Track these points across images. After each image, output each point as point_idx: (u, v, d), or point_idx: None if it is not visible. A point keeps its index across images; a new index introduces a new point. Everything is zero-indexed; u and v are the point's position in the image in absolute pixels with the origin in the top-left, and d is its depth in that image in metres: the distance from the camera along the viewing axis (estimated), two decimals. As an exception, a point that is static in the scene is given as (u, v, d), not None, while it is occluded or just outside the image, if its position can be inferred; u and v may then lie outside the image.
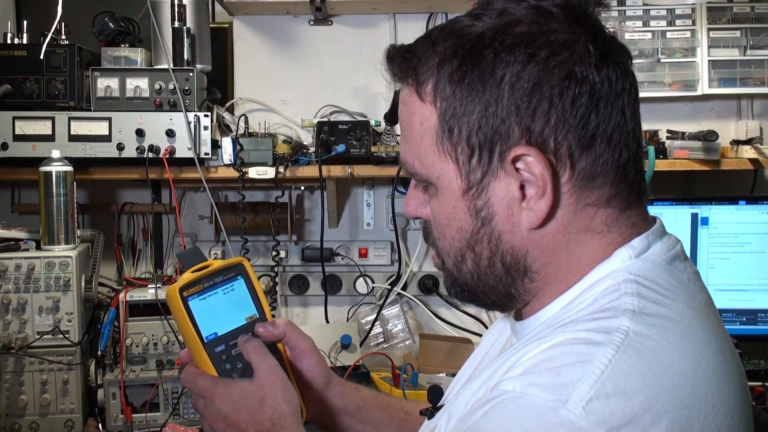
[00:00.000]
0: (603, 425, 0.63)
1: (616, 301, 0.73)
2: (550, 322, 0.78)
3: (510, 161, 0.74)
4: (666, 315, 0.72)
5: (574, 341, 0.70)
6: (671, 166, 2.04)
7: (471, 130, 0.75)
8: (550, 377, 0.66)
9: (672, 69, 2.08)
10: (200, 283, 0.92)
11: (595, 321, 0.72)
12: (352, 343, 2.08)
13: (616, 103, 0.75)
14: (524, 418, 0.65)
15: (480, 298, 0.84)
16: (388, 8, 2.19)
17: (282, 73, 2.24)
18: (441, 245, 0.83)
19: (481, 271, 0.80)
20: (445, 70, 0.76)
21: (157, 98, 1.92)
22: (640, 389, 0.65)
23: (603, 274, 0.76)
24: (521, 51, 0.73)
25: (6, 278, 1.78)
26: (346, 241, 2.32)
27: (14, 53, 1.91)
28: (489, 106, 0.74)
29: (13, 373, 1.79)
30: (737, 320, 2.02)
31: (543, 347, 0.71)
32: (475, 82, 0.74)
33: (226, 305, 0.93)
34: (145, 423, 1.83)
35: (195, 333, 0.90)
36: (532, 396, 0.66)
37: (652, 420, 0.64)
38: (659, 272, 0.76)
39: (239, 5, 2.14)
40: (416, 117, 0.79)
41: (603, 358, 0.66)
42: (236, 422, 0.89)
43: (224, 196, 2.31)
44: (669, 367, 0.68)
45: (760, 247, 2.03)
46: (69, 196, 1.83)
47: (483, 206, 0.77)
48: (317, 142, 2.01)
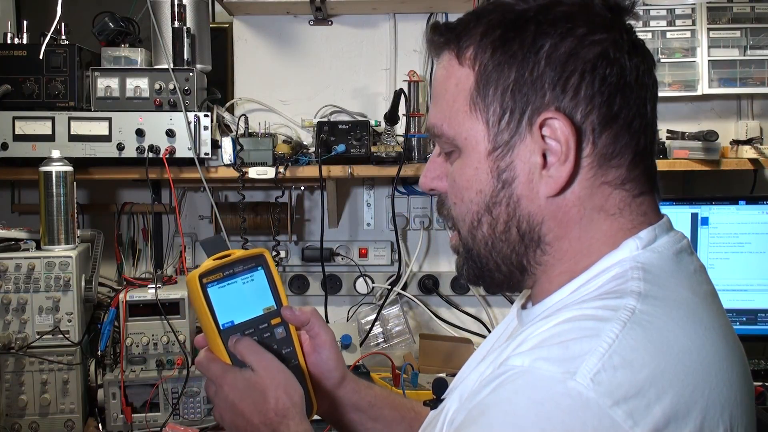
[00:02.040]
0: (610, 396, 0.64)
1: (622, 285, 0.75)
2: (557, 307, 0.79)
3: (538, 125, 0.77)
4: (671, 298, 0.74)
5: (581, 317, 0.71)
6: (671, 166, 2.04)
7: (505, 92, 0.78)
8: (558, 351, 0.68)
9: (672, 69, 2.08)
10: (220, 271, 0.92)
11: (602, 300, 0.74)
12: (352, 343, 2.09)
13: (640, 93, 0.79)
14: (533, 390, 0.66)
15: (492, 272, 0.84)
16: (388, 8, 2.19)
17: (282, 73, 2.24)
18: (457, 211, 0.84)
19: (496, 237, 0.82)
20: (488, 38, 0.80)
21: (157, 98, 1.92)
22: (646, 364, 0.67)
23: (610, 263, 0.78)
24: (561, 25, 0.77)
25: (6, 278, 1.78)
26: (346, 241, 2.32)
27: (14, 53, 1.91)
28: (525, 71, 0.77)
29: (13, 373, 1.79)
30: (737, 320, 2.02)
31: (551, 324, 0.72)
32: (515, 49, 0.78)
33: (245, 295, 0.94)
34: (145, 423, 1.83)
35: (212, 320, 0.91)
36: (540, 369, 0.67)
37: (657, 394, 0.65)
38: (666, 262, 0.79)
39: (239, 5, 2.15)
40: (452, 80, 0.82)
41: (610, 332, 0.68)
42: (242, 410, 0.92)
43: (224, 196, 2.31)
44: (674, 344, 0.70)
45: (760, 247, 2.03)
46: (69, 196, 1.83)
47: (506, 168, 0.79)
48: (317, 142, 2.01)
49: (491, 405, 0.69)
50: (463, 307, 2.31)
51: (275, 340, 0.95)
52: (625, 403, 0.64)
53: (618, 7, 0.81)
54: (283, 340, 0.95)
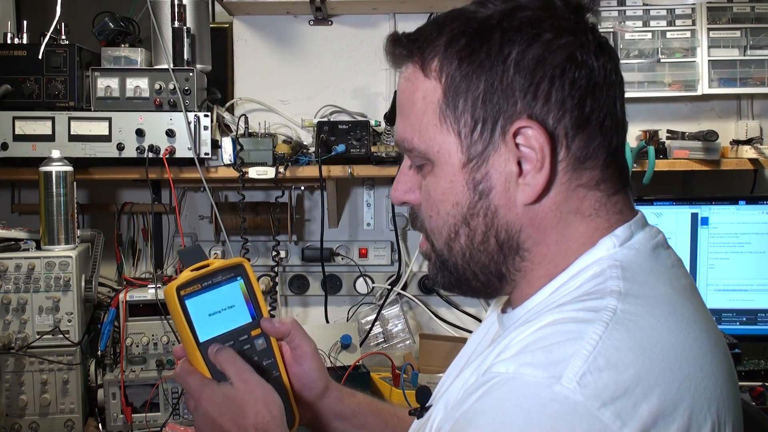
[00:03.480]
0: (597, 398, 0.64)
1: (601, 284, 0.75)
2: (537, 309, 0.79)
3: (512, 134, 0.77)
4: (651, 295, 0.75)
5: (562, 321, 0.71)
6: (671, 166, 2.04)
7: (475, 103, 0.77)
8: (542, 356, 0.68)
9: (672, 69, 2.08)
10: (198, 282, 0.91)
11: (582, 302, 0.73)
12: (352, 343, 2.09)
13: (609, 92, 0.79)
14: (519, 397, 0.66)
15: (468, 281, 0.84)
16: (388, 8, 2.19)
17: (282, 73, 2.24)
18: (433, 224, 0.83)
19: (474, 248, 0.81)
20: (453, 48, 0.78)
21: (157, 98, 1.92)
22: (630, 363, 0.67)
23: (588, 262, 0.79)
24: (527, 32, 0.76)
25: (6, 278, 1.78)
26: (346, 241, 2.32)
27: (14, 53, 1.91)
28: (494, 81, 0.77)
29: (13, 373, 1.79)
30: (737, 320, 2.02)
31: (533, 329, 0.72)
32: (482, 59, 0.77)
33: (224, 306, 0.92)
34: (145, 423, 1.83)
35: (190, 333, 0.89)
36: (525, 375, 0.67)
37: (644, 392, 0.66)
38: (643, 259, 0.79)
39: (239, 5, 2.14)
40: (419, 93, 0.81)
41: (593, 334, 0.68)
42: (221, 425, 0.90)
43: (224, 196, 2.31)
44: (657, 342, 0.70)
45: (760, 247, 2.03)
46: (69, 196, 1.83)
47: (482, 179, 0.79)
48: (317, 142, 2.01)
49: (478, 413, 0.69)
50: (463, 307, 2.31)
51: (256, 351, 0.93)
52: (613, 404, 0.64)
53: (579, 7, 0.80)
54: (263, 352, 0.93)
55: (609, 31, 2.09)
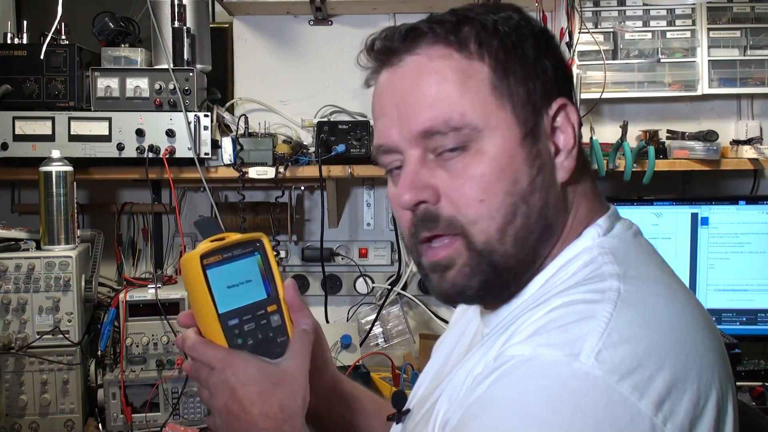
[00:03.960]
0: (615, 372, 0.66)
1: (598, 270, 0.77)
2: (536, 296, 0.80)
3: (554, 111, 0.81)
4: (646, 277, 0.78)
5: (572, 302, 0.73)
6: (671, 166, 2.04)
7: (525, 80, 0.80)
8: (557, 335, 0.69)
9: (672, 69, 2.08)
10: (219, 253, 0.89)
11: (586, 285, 0.75)
12: (352, 343, 2.09)
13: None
14: (539, 376, 0.67)
15: (507, 273, 0.80)
16: (388, 8, 2.19)
17: (282, 73, 2.24)
18: (483, 210, 0.78)
19: (529, 230, 0.79)
20: (488, 31, 0.81)
21: (157, 98, 1.92)
22: (642, 338, 0.69)
23: (576, 251, 0.81)
24: (546, 35, 0.84)
25: (6, 278, 1.78)
26: (346, 241, 2.32)
27: (14, 53, 1.91)
28: (534, 63, 0.81)
29: (13, 373, 1.79)
30: (737, 320, 2.02)
31: (541, 312, 0.73)
32: (516, 41, 0.81)
33: (242, 280, 0.90)
34: (145, 423, 1.83)
35: (211, 303, 0.87)
36: (543, 355, 0.68)
37: (657, 365, 0.68)
38: (629, 246, 0.83)
39: (239, 5, 2.14)
40: (460, 72, 0.79)
41: (605, 312, 0.70)
42: (241, 397, 0.83)
43: (224, 196, 2.31)
44: (661, 318, 0.72)
45: (760, 247, 2.03)
46: (69, 196, 1.83)
47: (537, 154, 0.80)
48: (317, 142, 2.01)
49: (496, 397, 0.69)
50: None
51: (271, 327, 0.91)
52: (630, 377, 0.66)
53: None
54: (278, 329, 0.91)
55: (609, 31, 2.09)
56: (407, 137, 0.81)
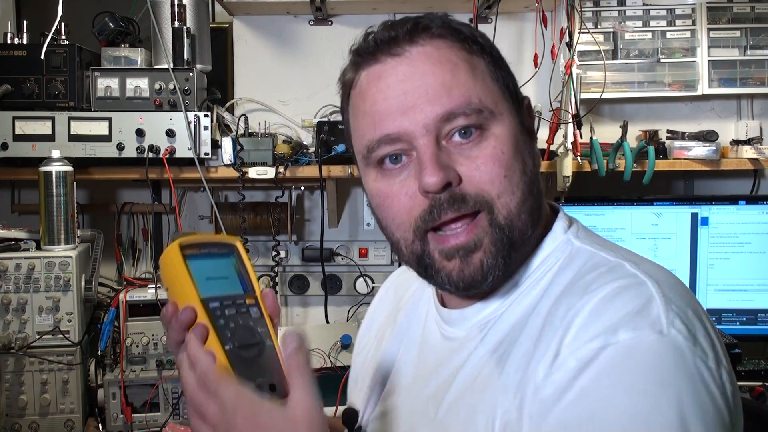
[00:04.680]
0: (688, 338, 0.73)
1: (592, 260, 0.83)
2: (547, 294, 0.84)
3: (527, 105, 0.90)
4: (635, 257, 0.84)
5: (619, 290, 0.76)
6: (671, 166, 2.04)
7: (507, 75, 0.88)
8: (639, 319, 0.73)
9: (672, 69, 2.08)
10: (197, 246, 0.91)
11: (609, 274, 0.79)
12: (352, 343, 2.08)
13: None
14: (641, 359, 0.71)
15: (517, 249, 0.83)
16: (388, 8, 2.19)
17: (282, 73, 2.24)
18: (506, 184, 0.81)
19: (535, 208, 0.85)
20: (477, 32, 0.88)
21: (157, 98, 1.92)
22: (684, 304, 0.77)
23: (552, 246, 0.87)
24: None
25: (6, 278, 1.78)
26: (346, 241, 2.32)
27: (14, 53, 1.91)
28: (502, 59, 0.89)
29: (13, 373, 1.79)
30: (737, 320, 2.02)
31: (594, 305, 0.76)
32: (492, 45, 0.89)
33: (219, 274, 0.92)
34: (145, 423, 1.84)
35: (194, 287, 0.88)
36: (637, 339, 0.72)
37: (700, 323, 0.76)
38: (594, 236, 0.90)
39: (239, 5, 2.14)
40: (467, 63, 0.84)
41: (654, 291, 0.76)
42: None
43: (224, 196, 2.31)
44: (679, 285, 0.80)
45: (760, 247, 2.03)
46: (69, 196, 1.83)
47: (529, 142, 0.88)
48: (317, 142, 2.01)
49: (608, 391, 0.71)
50: (463, 307, 2.31)
51: (251, 318, 0.91)
52: (697, 340, 0.74)
53: None
54: (257, 320, 0.91)
55: (609, 31, 2.09)
56: (423, 122, 0.81)
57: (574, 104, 1.98)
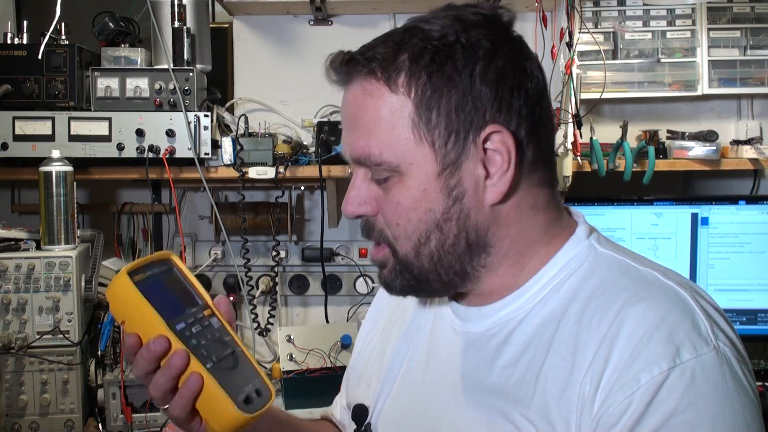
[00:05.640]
0: (731, 344, 0.79)
1: (618, 265, 0.86)
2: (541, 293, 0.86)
3: (482, 140, 0.83)
4: (656, 267, 0.87)
5: (668, 305, 0.79)
6: (671, 166, 2.04)
7: (449, 115, 0.82)
8: (693, 336, 0.77)
9: (672, 69, 2.08)
10: (142, 271, 0.89)
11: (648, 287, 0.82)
12: (352, 343, 2.08)
13: (547, 99, 0.88)
14: (707, 377, 0.75)
15: (430, 283, 0.88)
16: (388, 8, 2.19)
17: (282, 73, 2.24)
18: (399, 231, 0.86)
19: (444, 251, 0.86)
20: (419, 63, 0.82)
21: (157, 98, 1.92)
22: (713, 309, 0.82)
23: (576, 250, 0.88)
24: (486, 47, 0.82)
25: (6, 278, 1.78)
26: (346, 241, 2.32)
27: (14, 53, 1.91)
28: (465, 94, 0.82)
29: (13, 373, 1.79)
30: (737, 320, 2.02)
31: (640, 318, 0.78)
32: (449, 73, 0.81)
33: (170, 293, 0.91)
34: (145, 423, 1.83)
35: (156, 313, 0.86)
36: (701, 359, 0.75)
37: (728, 325, 0.82)
38: (614, 243, 0.92)
39: (239, 5, 2.14)
40: (385, 108, 0.83)
41: (694, 303, 0.80)
42: None
43: (224, 196, 2.31)
44: (702, 290, 0.85)
45: (760, 247, 2.03)
46: (69, 196, 1.83)
47: (455, 185, 0.84)
48: (317, 142, 2.01)
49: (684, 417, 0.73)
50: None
51: (215, 329, 0.92)
52: (735, 345, 0.80)
53: (512, 21, 0.87)
54: (221, 330, 0.92)
55: (609, 31, 2.09)
56: (349, 157, 0.90)
57: (574, 104, 1.98)
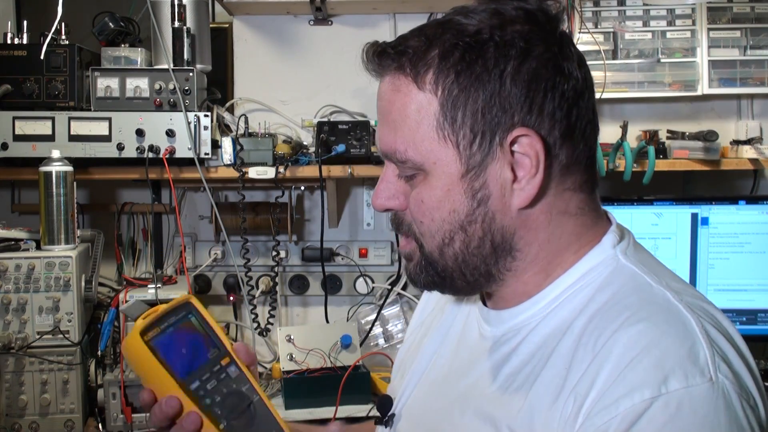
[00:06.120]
0: (735, 379, 0.73)
1: (634, 281, 0.82)
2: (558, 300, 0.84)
3: (509, 143, 0.80)
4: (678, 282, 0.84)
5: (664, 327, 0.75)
6: (671, 166, 2.04)
7: (475, 116, 0.79)
8: (689, 365, 0.72)
9: (672, 69, 2.08)
10: (156, 325, 0.88)
11: (650, 305, 0.78)
12: (352, 343, 2.08)
13: (589, 101, 0.84)
14: (696, 410, 0.70)
15: (454, 281, 0.86)
16: (388, 8, 2.19)
17: (282, 73, 2.24)
18: (425, 229, 0.85)
19: (468, 253, 0.84)
20: (448, 61, 0.79)
21: (157, 98, 1.92)
22: (725, 340, 0.77)
23: (597, 260, 0.85)
24: (519, 45, 0.78)
25: (6, 278, 1.78)
26: (346, 241, 2.32)
27: (14, 53, 1.91)
28: (492, 93, 0.78)
29: (13, 373, 1.79)
30: (737, 320, 2.02)
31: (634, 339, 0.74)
32: (478, 72, 0.78)
33: (186, 343, 0.89)
34: (145, 423, 1.83)
35: (168, 375, 0.86)
36: (690, 390, 0.70)
37: (741, 359, 0.77)
38: (642, 251, 0.88)
39: (239, 5, 2.14)
40: (412, 105, 0.81)
41: (699, 330, 0.75)
42: None
43: (224, 196, 2.31)
44: (718, 316, 0.81)
45: (760, 247, 2.03)
46: (69, 196, 1.83)
47: (480, 187, 0.81)
48: (317, 142, 2.01)
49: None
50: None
51: (232, 379, 0.90)
52: (741, 382, 0.74)
53: (557, 18, 0.83)
54: (238, 378, 0.90)
55: (609, 31, 2.09)
56: (380, 150, 0.88)
57: (574, 104, 1.98)
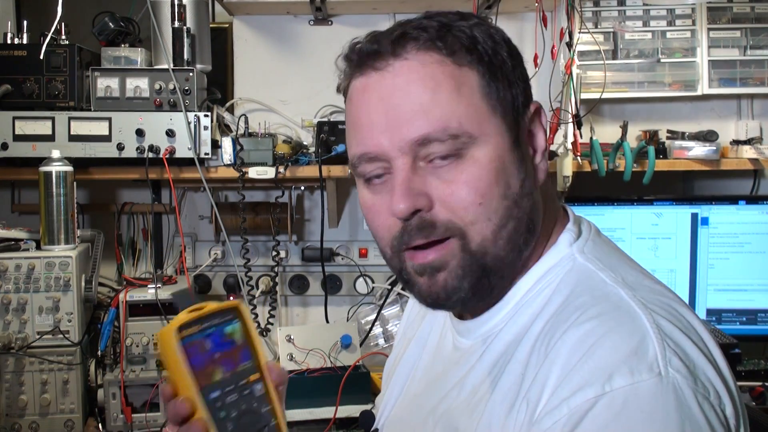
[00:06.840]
0: (688, 373, 0.70)
1: (589, 281, 0.80)
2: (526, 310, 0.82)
3: (531, 114, 0.85)
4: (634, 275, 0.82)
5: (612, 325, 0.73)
6: (671, 166, 2.04)
7: (509, 86, 0.83)
8: (636, 361, 0.69)
9: (672, 69, 2.08)
10: (197, 324, 0.86)
11: (601, 303, 0.76)
12: (352, 343, 2.08)
13: None
14: (642, 405, 0.68)
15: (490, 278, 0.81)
16: (388, 8, 2.19)
17: (282, 73, 2.24)
18: (480, 212, 0.79)
19: (519, 234, 0.81)
20: (471, 38, 0.82)
21: (157, 98, 1.92)
22: (681, 335, 0.73)
23: (556, 259, 0.84)
24: (512, 43, 0.86)
25: (6, 278, 1.78)
26: (346, 241, 2.32)
27: (14, 53, 1.91)
28: (514, 68, 0.84)
29: (13, 373, 1.79)
30: (737, 320, 2.02)
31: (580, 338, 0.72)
32: (496, 48, 0.83)
33: (222, 349, 0.87)
34: (145, 423, 1.84)
35: (190, 378, 0.84)
36: (636, 386, 0.68)
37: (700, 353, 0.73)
38: (601, 247, 0.86)
39: (239, 5, 2.14)
40: (453, 80, 0.79)
41: (650, 326, 0.72)
42: None
43: (224, 196, 2.31)
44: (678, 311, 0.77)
45: (760, 247, 2.03)
46: (69, 196, 1.83)
47: (522, 158, 0.82)
48: (317, 142, 2.01)
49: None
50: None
51: (254, 398, 0.87)
52: (695, 376, 0.71)
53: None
54: (261, 398, 0.87)
55: (609, 31, 2.09)
56: (399, 145, 0.79)
57: (574, 104, 1.98)
